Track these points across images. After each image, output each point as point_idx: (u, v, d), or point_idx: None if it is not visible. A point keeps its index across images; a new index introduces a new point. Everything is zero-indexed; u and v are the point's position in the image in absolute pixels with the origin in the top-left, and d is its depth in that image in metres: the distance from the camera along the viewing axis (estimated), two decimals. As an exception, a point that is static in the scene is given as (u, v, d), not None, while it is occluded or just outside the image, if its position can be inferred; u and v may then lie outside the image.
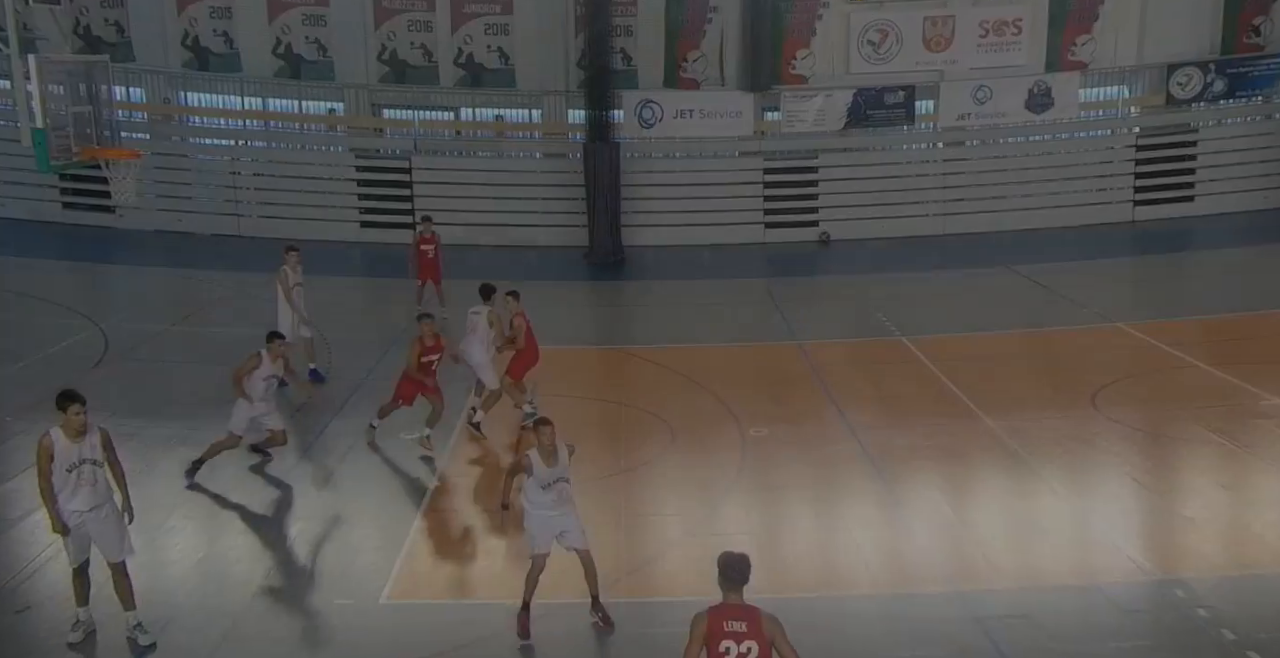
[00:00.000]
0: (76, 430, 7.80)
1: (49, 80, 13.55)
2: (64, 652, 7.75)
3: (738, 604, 5.98)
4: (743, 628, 5.85)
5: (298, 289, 13.89)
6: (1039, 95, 24.85)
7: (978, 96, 24.76)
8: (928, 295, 19.96)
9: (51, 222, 23.90)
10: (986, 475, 11.44)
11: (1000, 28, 24.59)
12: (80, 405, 7.81)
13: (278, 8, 23.99)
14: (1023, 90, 24.80)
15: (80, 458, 7.79)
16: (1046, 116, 25.02)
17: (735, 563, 6.06)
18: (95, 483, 7.85)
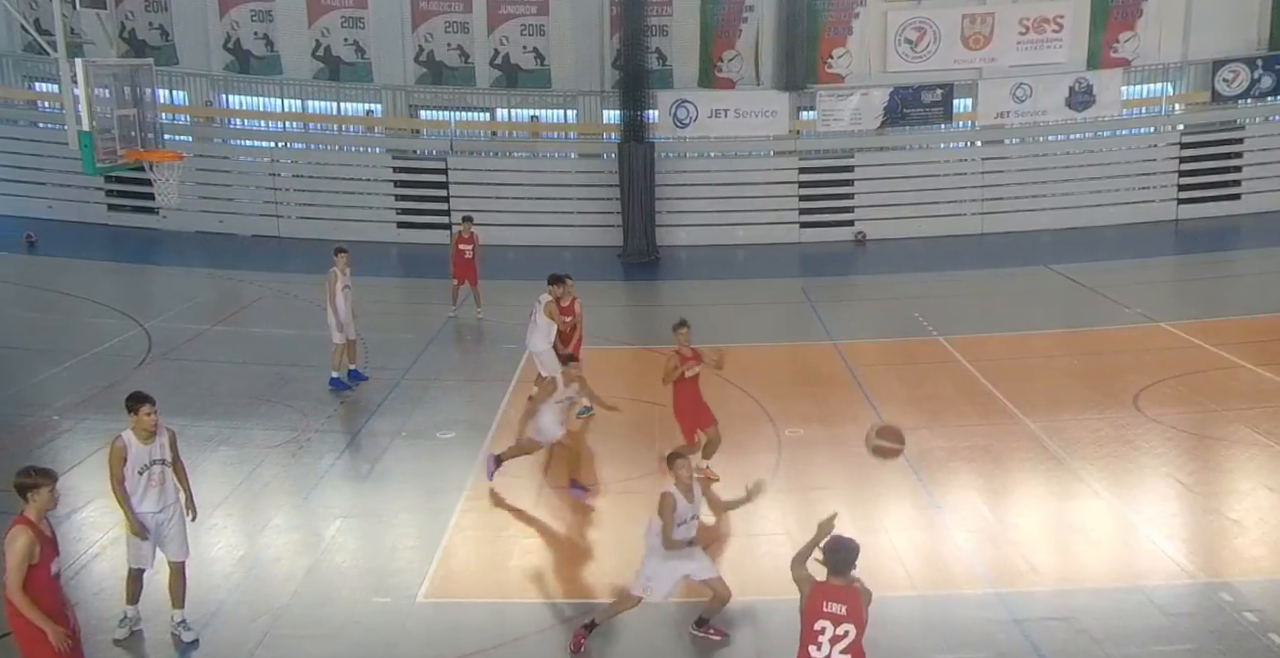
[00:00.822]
0: (148, 432, 7.88)
1: (95, 84, 13.81)
2: (109, 648, 7.88)
3: (841, 586, 6.00)
4: (842, 611, 5.91)
5: (346, 292, 13.88)
6: (1080, 93, 24.54)
7: (1017, 94, 24.50)
8: (965, 295, 19.78)
9: (97, 223, 24.34)
10: (1026, 477, 11.30)
11: (1040, 25, 24.32)
12: (151, 406, 7.89)
13: (317, 10, 24.26)
14: (1063, 88, 24.51)
15: (151, 459, 7.89)
16: (1088, 114, 24.72)
17: (843, 549, 6.05)
18: (163, 484, 7.96)
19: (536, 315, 12.84)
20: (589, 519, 10.45)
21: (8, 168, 24.71)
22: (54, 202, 24.40)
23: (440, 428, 12.61)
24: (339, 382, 13.80)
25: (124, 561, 9.27)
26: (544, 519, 10.41)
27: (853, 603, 5.92)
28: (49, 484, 6.45)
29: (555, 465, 11.37)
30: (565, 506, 10.77)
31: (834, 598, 5.94)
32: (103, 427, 12.28)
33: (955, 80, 24.53)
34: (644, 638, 8.29)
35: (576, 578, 9.26)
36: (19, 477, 6.42)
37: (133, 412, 7.86)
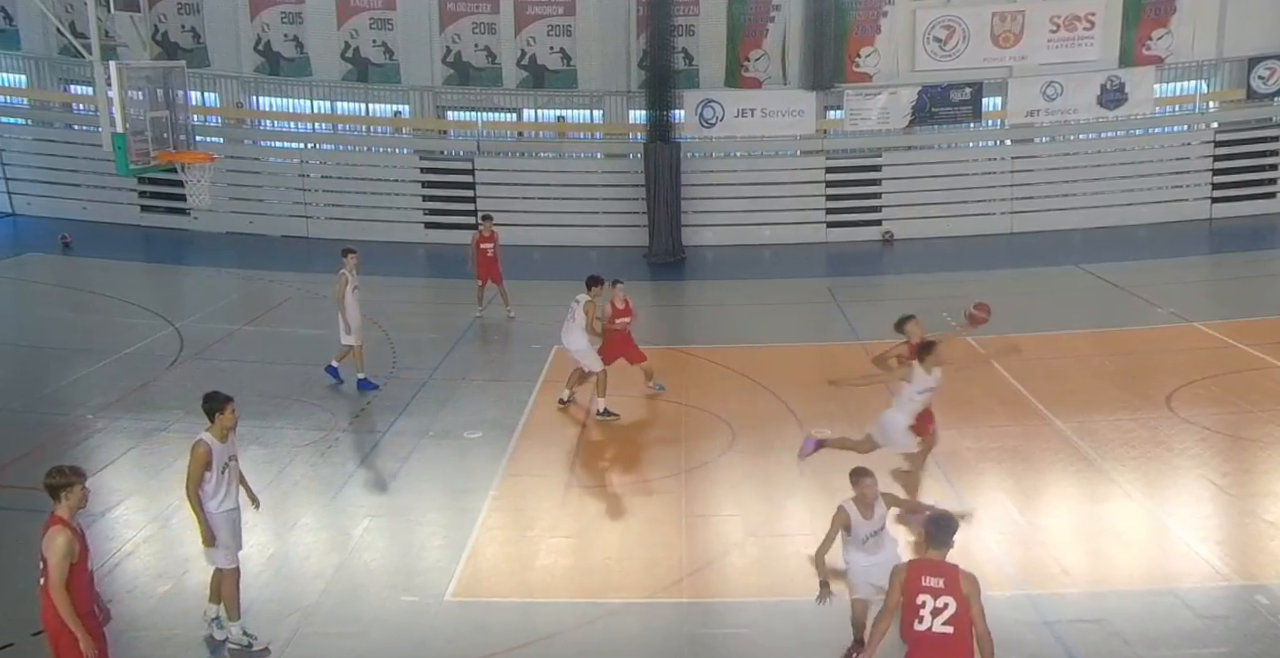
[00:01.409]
0: (228, 430, 7.91)
1: (129, 86, 13.98)
2: (144, 644, 7.96)
3: (937, 561, 6.16)
4: (940, 584, 6.03)
5: (355, 293, 13.77)
6: (1112, 91, 24.27)
7: (1047, 93, 24.27)
8: (995, 295, 19.39)
9: (130, 224, 24.63)
10: (1056, 478, 11.19)
11: (1072, 23, 24.07)
12: (234, 404, 7.92)
13: (346, 12, 24.42)
14: (1095, 86, 24.25)
15: (228, 456, 7.94)
16: (1120, 112, 24.45)
17: (944, 524, 6.28)
18: (235, 479, 8.03)
19: (575, 314, 12.96)
20: (615, 519, 10.45)
21: (44, 169, 25.06)
22: (88, 203, 24.71)
23: (467, 428, 12.66)
24: (367, 383, 13.84)
25: (155, 558, 9.41)
26: (570, 519, 10.43)
27: (950, 576, 6.04)
28: (80, 483, 6.52)
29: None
30: (590, 506, 10.78)
31: (932, 572, 6.07)
32: (135, 426, 12.47)
33: (985, 79, 24.32)
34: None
35: (603, 578, 9.26)
36: (51, 477, 6.48)
37: (218, 412, 7.83)
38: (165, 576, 9.05)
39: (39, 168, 25.08)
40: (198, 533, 7.86)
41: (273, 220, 24.55)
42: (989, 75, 24.36)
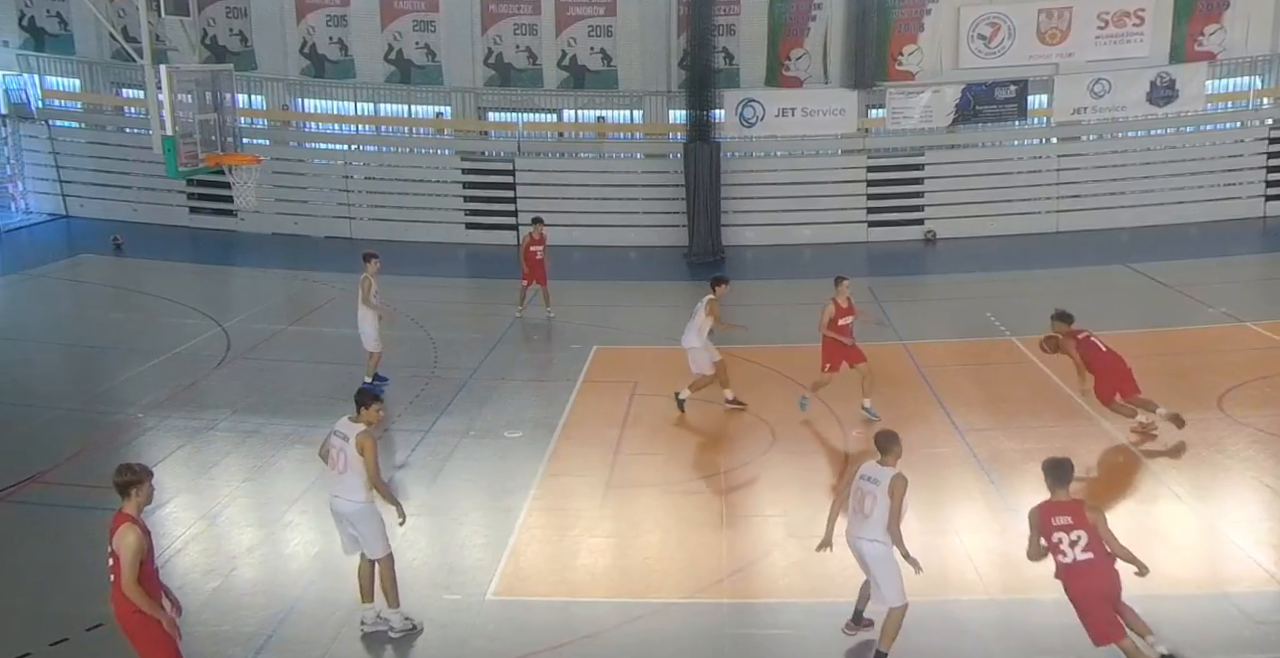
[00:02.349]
0: (373, 424, 8.28)
1: (178, 89, 14.22)
2: (195, 640, 8.01)
3: (1062, 501, 7.10)
4: (1069, 521, 7.00)
5: (378, 297, 13.70)
6: (1162, 87, 23.85)
7: (1095, 90, 23.91)
8: (1040, 294, 19.29)
9: (179, 225, 25.08)
10: (1104, 480, 11.01)
11: (1121, 19, 23.69)
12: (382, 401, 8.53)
13: (390, 15, 24.66)
14: (1144, 83, 23.87)
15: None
16: (1170, 109, 24.05)
17: (1060, 464, 7.19)
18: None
19: (698, 313, 13.01)
20: (653, 519, 10.44)
21: (97, 172, 25.60)
22: (139, 205, 25.19)
23: (508, 427, 12.73)
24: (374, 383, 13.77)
25: (204, 555, 9.58)
26: (610, 519, 10.44)
27: (1075, 512, 7.03)
28: (148, 480, 6.69)
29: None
30: (630, 506, 10.78)
31: (1059, 512, 7.03)
32: (184, 425, 12.68)
33: (1030, 76, 24.02)
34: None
35: (643, 578, 9.26)
36: (121, 475, 6.61)
37: (369, 406, 8.22)
38: (214, 572, 9.20)
39: (93, 170, 25.62)
40: (395, 515, 8.17)
41: (317, 221, 24.87)
42: (1034, 73, 24.04)
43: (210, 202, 24.30)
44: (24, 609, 8.21)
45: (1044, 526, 7.07)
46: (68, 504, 9.83)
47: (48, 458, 11.10)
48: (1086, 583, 6.98)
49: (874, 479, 7.57)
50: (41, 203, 25.61)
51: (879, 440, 7.75)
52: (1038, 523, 7.11)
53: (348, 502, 8.15)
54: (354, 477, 8.07)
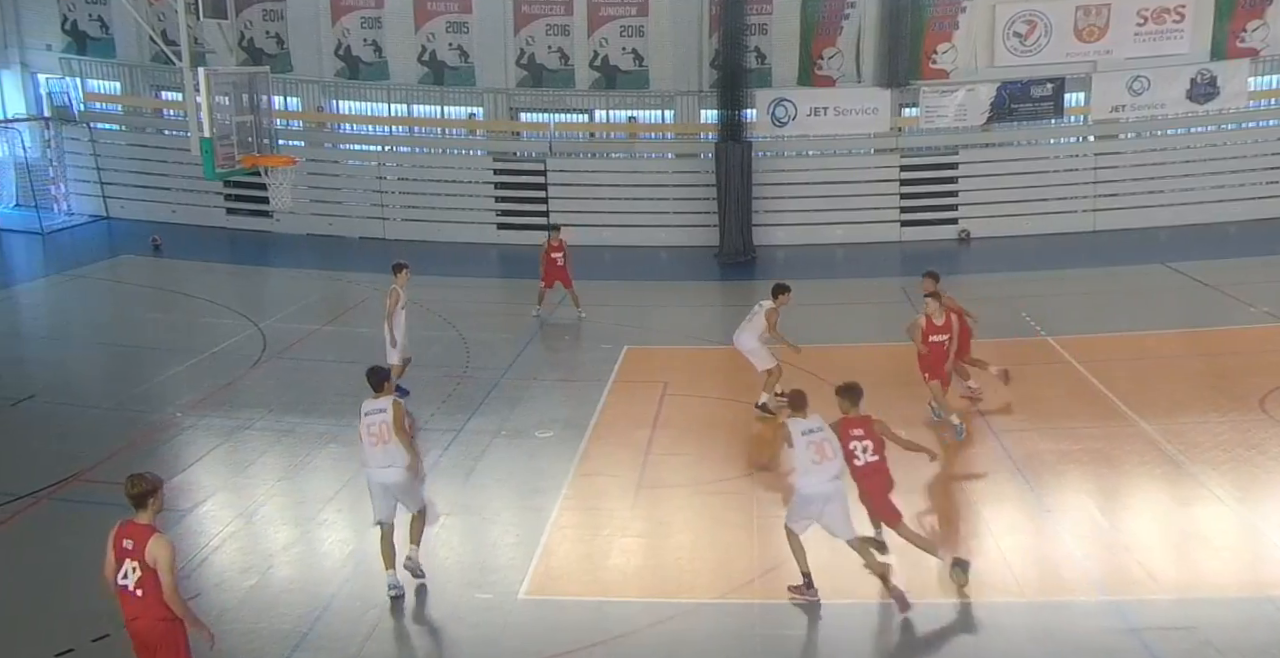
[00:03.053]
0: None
1: (216, 92, 14.37)
2: (232, 636, 8.16)
3: (856, 417, 8.88)
4: (861, 433, 8.78)
5: (403, 309, 13.45)
6: (1202, 85, 23.49)
7: (1133, 87, 23.60)
8: (1076, 294, 19.13)
9: (216, 226, 25.39)
10: (1142, 481, 10.86)
11: (1160, 15, 23.35)
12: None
13: (424, 16, 24.82)
14: (1184, 80, 23.52)
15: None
16: (1210, 107, 23.67)
17: (852, 387, 8.95)
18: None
19: (755, 318, 13.07)
20: (684, 519, 10.44)
21: (137, 174, 25.97)
22: (178, 206, 25.52)
23: (539, 427, 12.77)
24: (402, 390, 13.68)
25: (241, 553, 9.69)
26: (641, 519, 10.44)
27: (866, 425, 8.84)
28: (161, 488, 6.70)
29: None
30: (661, 506, 10.78)
31: (854, 426, 8.79)
32: (221, 424, 12.84)
33: (1067, 74, 23.75)
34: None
35: (675, 578, 9.25)
36: (137, 485, 6.55)
37: (383, 386, 9.13)
38: (251, 570, 9.30)
39: (133, 172, 26.00)
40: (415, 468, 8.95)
41: (351, 222, 25.08)
42: (1072, 70, 23.77)
43: (247, 203, 24.59)
44: (67, 605, 8.34)
45: (843, 437, 8.72)
46: (109, 502, 9.90)
47: (89, 456, 11.28)
48: (874, 480, 8.84)
49: (818, 429, 8.63)
50: (83, 204, 26.03)
51: (795, 399, 8.86)
52: (840, 433, 8.74)
53: (395, 469, 8.80)
54: (396, 445, 8.76)
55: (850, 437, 8.68)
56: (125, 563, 6.45)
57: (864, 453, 8.72)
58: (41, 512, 10.15)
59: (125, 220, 25.63)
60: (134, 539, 6.45)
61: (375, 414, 8.80)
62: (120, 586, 6.49)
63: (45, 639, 7.60)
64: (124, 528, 6.54)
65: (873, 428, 8.80)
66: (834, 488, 8.46)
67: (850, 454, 8.65)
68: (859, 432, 8.74)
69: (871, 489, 8.84)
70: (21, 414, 12.94)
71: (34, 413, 13.01)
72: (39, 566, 9.13)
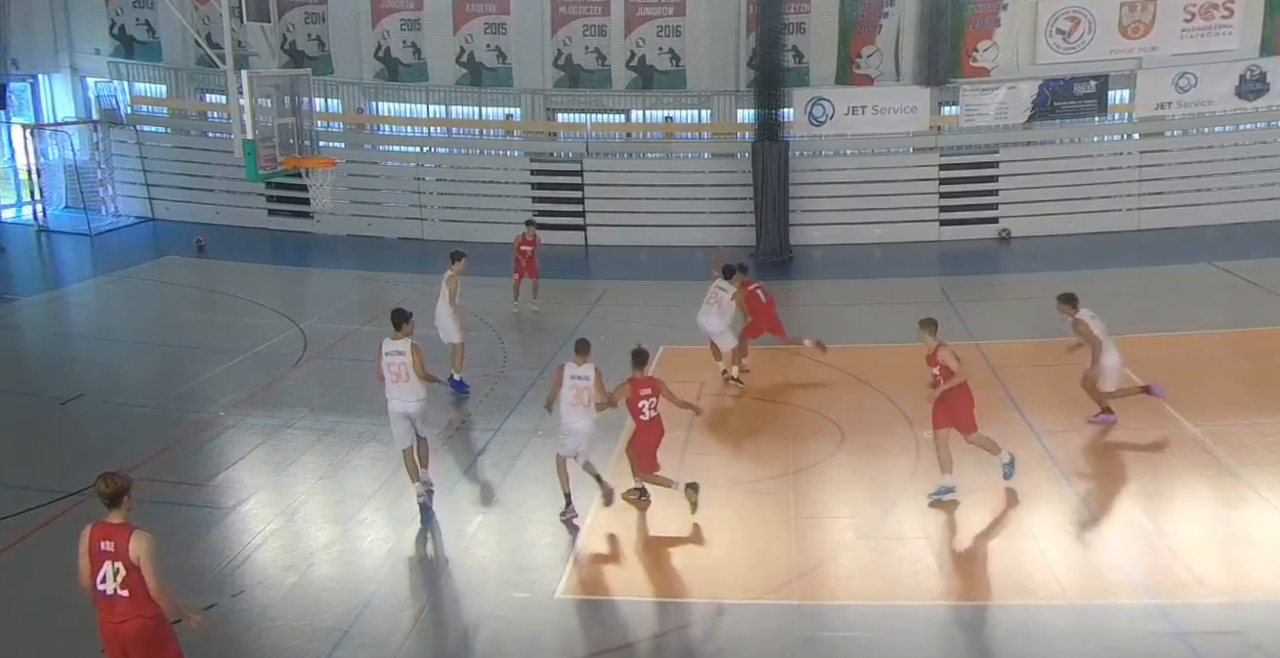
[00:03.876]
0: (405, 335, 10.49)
1: (258, 94, 14.53)
2: (274, 634, 8.29)
3: (645, 378, 10.19)
4: (650, 392, 10.13)
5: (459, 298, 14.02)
6: (1252, 81, 23.05)
7: (1180, 84, 23.20)
8: (1120, 293, 18.79)
9: (258, 228, 25.72)
10: (1188, 483, 10.68)
11: (1208, 11, 22.92)
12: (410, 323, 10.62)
13: (462, 18, 24.97)
14: (1233, 76, 23.10)
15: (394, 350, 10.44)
16: (1260, 103, 23.22)
17: (641, 351, 10.37)
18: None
19: (722, 301, 13.95)
20: (720, 519, 10.42)
21: (182, 176, 26.38)
22: (221, 208, 25.89)
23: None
24: (461, 384, 13.99)
25: (283, 551, 9.83)
26: (677, 519, 10.43)
27: (654, 387, 10.11)
28: (131, 485, 6.57)
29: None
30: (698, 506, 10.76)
31: (644, 386, 10.07)
32: (263, 423, 13.01)
33: (1111, 71, 23.41)
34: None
35: (711, 578, 9.24)
36: (111, 484, 6.40)
37: (404, 324, 10.47)
38: (293, 568, 9.41)
39: (178, 174, 26.42)
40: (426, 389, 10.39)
41: (389, 223, 25.29)
42: (1116, 67, 23.43)
43: (288, 204, 24.89)
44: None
45: (635, 394, 9.89)
46: (154, 500, 10.10)
47: (134, 455, 11.47)
48: (651, 432, 10.07)
49: (584, 377, 10.01)
50: (130, 206, 26.47)
51: (578, 346, 10.29)
52: (628, 395, 9.98)
53: (414, 402, 10.34)
54: (415, 381, 10.26)
55: (641, 395, 9.99)
56: (105, 566, 6.29)
57: (649, 410, 10.06)
58: (89, 509, 10.30)
59: (170, 222, 26.04)
60: (113, 540, 6.30)
61: (395, 355, 10.27)
62: (99, 591, 6.34)
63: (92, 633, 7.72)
64: (98, 530, 6.38)
65: (659, 388, 10.18)
66: (589, 426, 10.06)
67: (639, 410, 10.00)
68: (648, 391, 10.06)
69: (645, 440, 10.14)
70: (70, 413, 13.19)
71: (82, 412, 13.25)
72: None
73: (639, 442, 10.21)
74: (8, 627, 8.23)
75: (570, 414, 10.05)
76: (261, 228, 25.74)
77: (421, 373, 10.29)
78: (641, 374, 10.19)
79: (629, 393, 10.00)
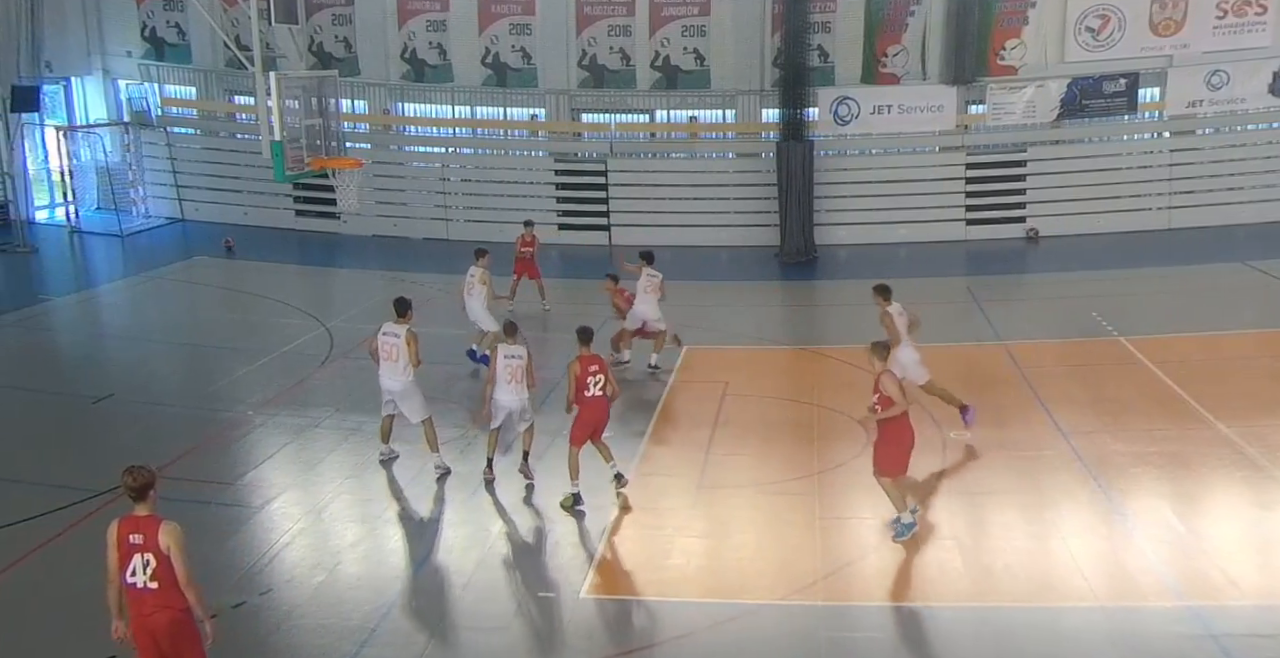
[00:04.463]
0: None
1: (286, 95, 14.62)
2: (301, 632, 8.34)
3: (590, 355, 10.64)
4: (597, 368, 10.54)
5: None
6: (1285, 79, 22.77)
7: (1212, 82, 22.94)
8: (1150, 293, 18.65)
9: (286, 228, 25.92)
10: (1221, 484, 10.54)
11: (1241, 8, 22.64)
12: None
13: (487, 19, 25.06)
14: (1266, 74, 22.85)
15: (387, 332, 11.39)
16: (1294, 101, 22.92)
17: (586, 328, 10.72)
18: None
19: (651, 288, 14.91)
20: (745, 519, 10.39)
21: (211, 177, 26.63)
22: (249, 209, 26.11)
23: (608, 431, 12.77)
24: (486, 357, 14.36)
25: (310, 549, 9.90)
26: (702, 520, 10.42)
27: (600, 364, 10.53)
28: (156, 478, 6.63)
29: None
30: (721, 506, 10.75)
31: (591, 363, 10.45)
32: (291, 422, 13.10)
33: (1142, 69, 23.17)
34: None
35: (737, 579, 9.21)
36: (141, 477, 6.47)
37: (407, 313, 11.47)
38: (320, 566, 9.45)
39: (207, 176, 26.67)
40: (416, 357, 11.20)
41: (415, 223, 25.41)
42: (1146, 65, 23.20)
43: (315, 205, 25.07)
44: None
45: (583, 371, 10.42)
46: (184, 499, 10.19)
47: (164, 454, 11.56)
48: (594, 410, 10.53)
49: (518, 356, 10.79)
50: (160, 207, 26.75)
51: (507, 327, 11.18)
52: (577, 372, 10.39)
53: (398, 381, 11.24)
54: (403, 363, 11.12)
55: (589, 372, 10.42)
56: (134, 559, 6.31)
57: (594, 386, 10.45)
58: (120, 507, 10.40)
59: (199, 223, 26.29)
60: (142, 532, 6.34)
61: (391, 337, 11.17)
62: (129, 584, 6.34)
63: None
64: (126, 523, 6.40)
65: (605, 366, 10.57)
66: (518, 401, 10.81)
67: (585, 386, 10.41)
68: (595, 367, 10.47)
69: (588, 415, 10.51)
70: (101, 412, 13.34)
71: (113, 411, 13.39)
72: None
73: (582, 417, 10.54)
74: (41, 624, 8.32)
75: (503, 390, 10.78)
76: (289, 229, 25.93)
77: (414, 359, 11.15)
78: (588, 352, 10.59)
79: (578, 370, 10.41)
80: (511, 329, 11.08)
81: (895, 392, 9.40)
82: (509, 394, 10.83)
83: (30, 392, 14.20)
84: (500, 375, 10.80)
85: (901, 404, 9.43)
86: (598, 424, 10.61)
